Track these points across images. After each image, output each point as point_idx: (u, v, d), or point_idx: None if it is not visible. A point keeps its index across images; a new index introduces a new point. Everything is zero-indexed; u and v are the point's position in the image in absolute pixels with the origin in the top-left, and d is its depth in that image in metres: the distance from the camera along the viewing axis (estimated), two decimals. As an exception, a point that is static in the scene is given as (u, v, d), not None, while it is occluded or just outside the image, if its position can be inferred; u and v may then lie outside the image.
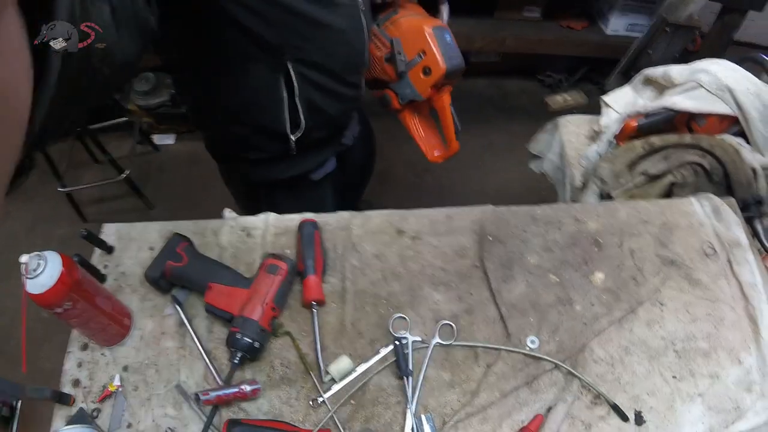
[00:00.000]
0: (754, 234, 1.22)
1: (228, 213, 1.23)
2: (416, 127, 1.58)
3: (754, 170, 1.38)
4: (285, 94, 1.21)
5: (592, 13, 3.05)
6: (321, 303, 1.08)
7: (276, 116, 1.24)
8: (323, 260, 1.12)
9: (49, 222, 2.86)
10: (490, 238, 1.17)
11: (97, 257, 1.16)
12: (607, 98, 1.73)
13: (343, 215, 1.23)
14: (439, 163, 1.61)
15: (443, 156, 1.59)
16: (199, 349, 1.02)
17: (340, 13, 1.20)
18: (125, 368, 1.01)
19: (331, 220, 1.22)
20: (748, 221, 1.23)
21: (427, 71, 1.39)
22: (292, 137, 1.28)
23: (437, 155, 1.59)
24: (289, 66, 1.17)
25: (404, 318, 1.06)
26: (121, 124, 2.99)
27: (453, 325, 1.05)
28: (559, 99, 3.27)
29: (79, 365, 1.02)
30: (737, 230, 1.17)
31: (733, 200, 1.25)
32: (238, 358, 0.97)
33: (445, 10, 1.52)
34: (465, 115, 1.81)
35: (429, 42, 1.35)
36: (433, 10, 1.52)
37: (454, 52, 1.38)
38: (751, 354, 1.02)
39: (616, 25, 2.89)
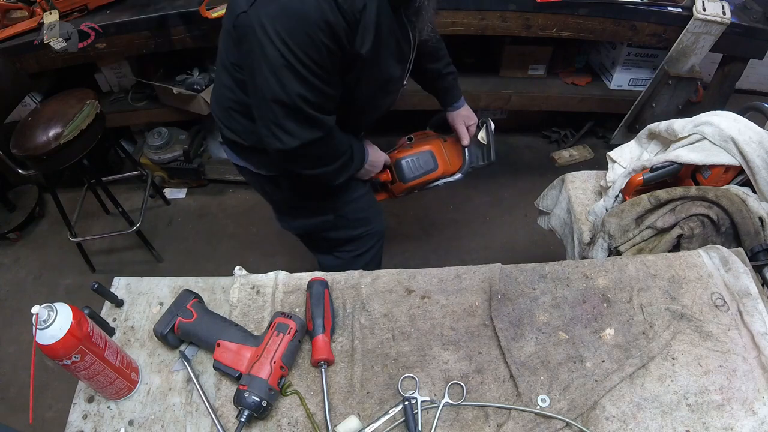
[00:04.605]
0: (764, 283, 1.21)
1: (238, 270, 1.25)
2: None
3: (761, 219, 1.38)
4: None
5: (595, 69, 3.10)
6: (330, 362, 1.08)
7: None
8: (332, 319, 1.13)
9: (57, 271, 2.88)
10: (500, 297, 1.18)
11: (106, 310, 1.18)
12: (613, 154, 1.75)
13: (353, 274, 1.24)
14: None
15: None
16: (206, 406, 1.02)
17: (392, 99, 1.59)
18: (131, 422, 1.02)
19: (340, 279, 1.23)
20: (757, 270, 1.23)
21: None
22: None
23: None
24: None
25: (413, 378, 1.06)
26: (133, 177, 3.06)
27: (462, 384, 1.05)
28: (565, 154, 3.30)
29: (85, 417, 1.03)
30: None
31: (741, 250, 1.25)
32: (245, 417, 0.97)
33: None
34: (471, 172, 1.85)
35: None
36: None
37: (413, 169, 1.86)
38: (765, 404, 1.00)
39: (619, 79, 2.93)
